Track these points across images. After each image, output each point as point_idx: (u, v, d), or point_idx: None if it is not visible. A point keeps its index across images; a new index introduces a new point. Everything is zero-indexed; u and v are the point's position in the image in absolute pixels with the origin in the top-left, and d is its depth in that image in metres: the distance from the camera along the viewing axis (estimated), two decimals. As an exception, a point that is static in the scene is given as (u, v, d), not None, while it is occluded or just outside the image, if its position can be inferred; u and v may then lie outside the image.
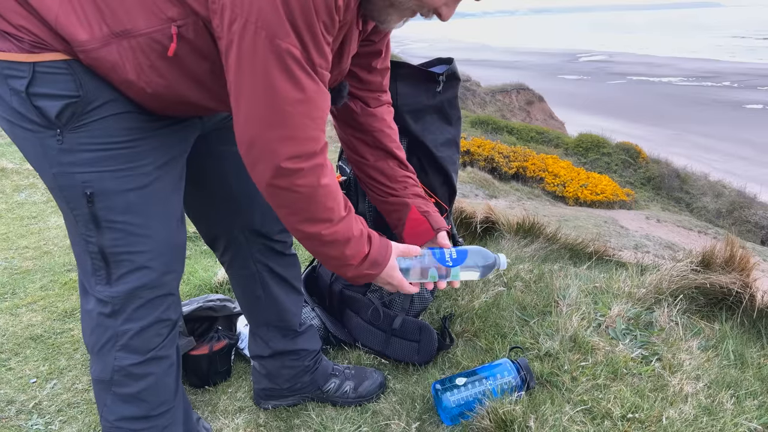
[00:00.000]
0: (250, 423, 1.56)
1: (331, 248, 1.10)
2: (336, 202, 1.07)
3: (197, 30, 0.96)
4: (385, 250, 1.19)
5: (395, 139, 1.40)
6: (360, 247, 1.13)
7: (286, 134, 0.97)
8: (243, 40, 0.90)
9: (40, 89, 0.95)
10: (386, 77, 1.37)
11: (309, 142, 1.00)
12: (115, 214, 1.06)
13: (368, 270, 1.16)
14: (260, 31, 0.88)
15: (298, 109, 0.96)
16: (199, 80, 1.03)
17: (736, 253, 2.06)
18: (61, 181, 1.04)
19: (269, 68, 0.91)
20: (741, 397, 1.50)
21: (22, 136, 1.01)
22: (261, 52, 0.90)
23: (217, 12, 0.90)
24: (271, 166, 0.98)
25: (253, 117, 0.96)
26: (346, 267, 1.15)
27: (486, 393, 1.47)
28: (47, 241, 2.95)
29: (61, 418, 1.60)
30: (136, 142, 1.05)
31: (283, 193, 1.02)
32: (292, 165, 0.98)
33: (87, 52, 0.95)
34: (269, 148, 0.97)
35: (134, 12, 0.94)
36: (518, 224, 3.00)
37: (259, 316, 1.53)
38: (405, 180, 1.40)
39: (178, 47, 0.96)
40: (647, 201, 15.77)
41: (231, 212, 1.38)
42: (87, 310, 1.16)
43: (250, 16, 0.88)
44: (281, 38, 0.89)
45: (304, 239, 1.10)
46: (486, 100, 25.86)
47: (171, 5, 0.94)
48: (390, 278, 1.20)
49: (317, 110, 0.99)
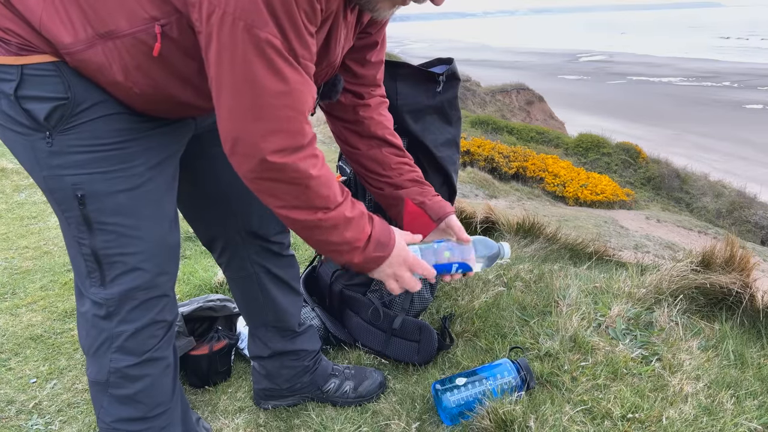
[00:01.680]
0: (250, 423, 1.56)
1: (333, 233, 1.06)
2: (331, 190, 1.04)
3: (181, 28, 0.94)
4: (388, 231, 1.14)
5: (387, 126, 1.36)
6: (362, 227, 1.09)
7: (271, 127, 0.94)
8: (221, 32, 0.87)
9: (29, 92, 0.95)
10: (380, 71, 1.34)
11: (294, 136, 0.96)
12: (106, 215, 1.05)
13: (376, 252, 1.11)
14: (238, 21, 0.86)
15: (281, 101, 0.93)
16: (187, 79, 1.01)
17: (736, 253, 2.06)
18: (51, 183, 1.03)
19: (249, 60, 0.89)
20: (741, 397, 1.50)
21: (13, 139, 1.00)
22: (240, 44, 0.87)
23: (195, 5, 0.88)
24: (257, 161, 0.95)
25: (236, 112, 0.93)
26: (353, 252, 1.09)
27: (486, 393, 1.47)
28: (47, 241, 2.95)
29: (61, 418, 1.60)
30: (127, 143, 1.04)
31: (272, 186, 0.99)
32: (279, 159, 0.95)
33: (72, 54, 0.94)
34: (254, 142, 0.94)
35: (117, 12, 0.93)
36: (518, 224, 3.00)
37: (258, 318, 1.53)
38: (399, 167, 1.35)
39: (162, 47, 0.95)
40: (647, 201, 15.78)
41: (227, 214, 1.38)
42: (82, 312, 1.15)
43: (228, 6, 0.85)
44: (260, 28, 0.87)
45: (303, 229, 1.06)
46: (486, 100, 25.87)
47: (153, 4, 0.93)
48: (404, 260, 1.14)
49: (301, 102, 0.96)
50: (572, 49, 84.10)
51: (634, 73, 53.18)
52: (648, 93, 41.52)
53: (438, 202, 1.34)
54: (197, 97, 1.05)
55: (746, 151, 24.77)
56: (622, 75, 52.32)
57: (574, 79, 50.54)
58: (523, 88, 27.84)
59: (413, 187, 1.35)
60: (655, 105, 36.23)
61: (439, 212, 1.33)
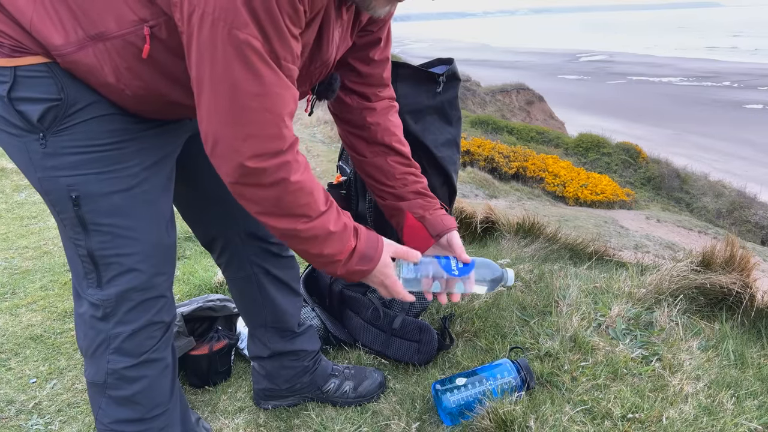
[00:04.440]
0: (250, 423, 1.56)
1: (311, 245, 1.04)
2: (312, 198, 1.01)
3: (170, 29, 0.94)
4: (375, 245, 1.11)
5: (395, 133, 1.33)
6: (345, 241, 1.06)
7: (248, 131, 0.92)
8: (201, 32, 0.86)
9: (22, 93, 0.94)
10: (387, 69, 1.31)
11: (273, 140, 0.94)
12: (101, 216, 1.05)
13: (358, 266, 1.09)
14: (218, 21, 0.85)
15: (259, 104, 0.91)
16: (178, 80, 1.00)
17: (736, 253, 2.06)
18: (46, 185, 1.03)
19: (229, 61, 0.87)
20: (741, 397, 1.50)
21: (7, 140, 1.00)
22: (220, 44, 0.86)
23: (177, 5, 0.88)
24: (234, 165, 0.94)
25: (215, 113, 0.92)
26: (335, 264, 1.08)
27: (486, 393, 1.47)
28: (47, 241, 2.95)
29: (61, 418, 1.60)
30: (122, 144, 1.04)
31: (250, 190, 0.97)
32: (255, 164, 0.93)
33: (63, 55, 0.94)
34: (232, 146, 0.93)
35: (106, 14, 0.92)
36: (518, 224, 3.00)
37: (257, 318, 1.52)
38: (404, 177, 1.33)
39: (152, 48, 0.94)
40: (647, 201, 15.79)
41: (226, 215, 1.37)
42: (80, 314, 1.15)
43: (207, 6, 0.84)
44: (239, 28, 0.85)
45: (282, 237, 1.05)
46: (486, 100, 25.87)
47: (141, 6, 0.92)
48: (384, 276, 1.12)
49: (280, 105, 0.93)
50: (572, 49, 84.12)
51: (634, 73, 53.20)
52: (648, 93, 41.53)
53: (439, 216, 1.31)
54: (188, 97, 1.03)
55: (746, 151, 24.78)
56: (622, 75, 52.34)
57: (574, 79, 50.55)
58: (523, 88, 27.85)
59: (416, 200, 1.32)
60: (655, 105, 36.24)
61: (439, 228, 1.30)
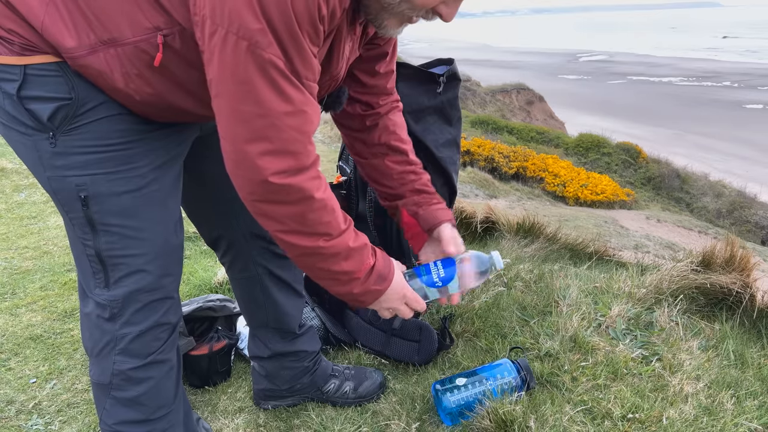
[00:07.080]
0: (250, 423, 1.56)
1: (333, 262, 1.05)
2: (333, 216, 1.02)
3: (184, 39, 0.94)
4: (389, 264, 1.14)
5: (395, 131, 1.33)
6: (365, 259, 1.08)
7: (274, 148, 0.92)
8: (224, 52, 0.86)
9: (32, 92, 0.94)
10: (391, 80, 1.32)
11: (299, 156, 0.95)
12: (110, 217, 1.05)
13: (375, 285, 1.10)
14: (241, 41, 0.85)
15: (286, 122, 0.92)
16: (189, 89, 1.01)
17: (736, 253, 2.05)
18: (54, 184, 1.03)
19: (253, 80, 0.88)
20: (741, 397, 1.50)
21: (17, 139, 1.00)
22: (243, 64, 0.87)
23: (198, 24, 0.88)
24: (258, 182, 0.94)
25: (239, 131, 0.92)
26: (353, 282, 1.08)
27: (486, 393, 1.47)
28: (47, 241, 2.95)
29: (61, 418, 1.60)
30: (131, 144, 1.04)
31: (273, 208, 0.97)
32: (281, 180, 0.93)
33: (74, 58, 0.94)
34: (256, 163, 0.92)
35: (121, 20, 0.92)
36: (518, 224, 3.00)
37: (258, 318, 1.52)
38: (402, 176, 1.33)
39: (164, 57, 0.94)
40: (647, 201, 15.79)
41: (231, 214, 1.37)
42: (86, 314, 1.15)
43: (231, 26, 0.84)
44: (263, 48, 0.86)
45: (302, 256, 1.04)
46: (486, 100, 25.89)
47: (157, 14, 0.92)
48: (404, 289, 1.15)
49: (307, 123, 0.94)
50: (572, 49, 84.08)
51: (634, 73, 53.15)
52: (648, 93, 41.51)
53: (432, 211, 1.31)
54: (199, 107, 1.04)
55: (746, 151, 24.77)
56: (622, 75, 52.30)
57: (574, 79, 50.52)
58: (524, 88, 27.86)
59: (412, 197, 1.33)
60: (655, 105, 36.22)
61: (430, 222, 1.30)
